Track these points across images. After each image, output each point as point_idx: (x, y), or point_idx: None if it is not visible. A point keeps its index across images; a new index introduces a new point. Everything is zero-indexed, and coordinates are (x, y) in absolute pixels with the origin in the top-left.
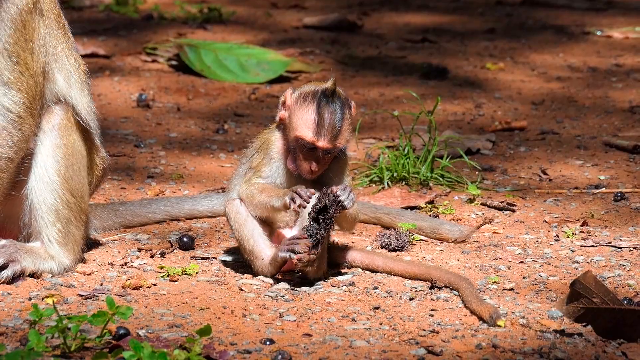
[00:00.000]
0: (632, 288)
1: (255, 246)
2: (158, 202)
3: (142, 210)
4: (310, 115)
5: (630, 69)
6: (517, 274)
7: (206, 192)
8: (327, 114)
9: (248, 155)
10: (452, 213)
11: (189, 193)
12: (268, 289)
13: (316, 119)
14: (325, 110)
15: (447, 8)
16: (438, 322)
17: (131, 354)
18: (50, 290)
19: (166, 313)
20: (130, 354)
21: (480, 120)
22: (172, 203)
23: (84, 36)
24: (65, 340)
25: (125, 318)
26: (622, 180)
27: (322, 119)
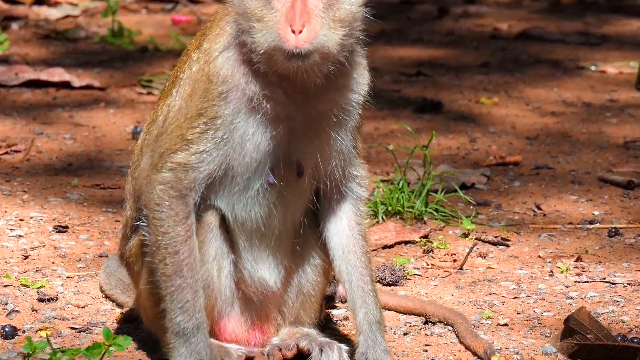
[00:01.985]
0: (626, 324)
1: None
2: None
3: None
4: None
5: (625, 104)
6: (511, 309)
7: None
8: None
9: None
10: (447, 248)
11: None
12: None
13: None
14: None
15: (442, 42)
16: (432, 357)
17: None
18: (44, 323)
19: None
20: None
21: (475, 154)
22: None
23: (79, 68)
24: None
25: (122, 350)
26: (616, 216)
27: None
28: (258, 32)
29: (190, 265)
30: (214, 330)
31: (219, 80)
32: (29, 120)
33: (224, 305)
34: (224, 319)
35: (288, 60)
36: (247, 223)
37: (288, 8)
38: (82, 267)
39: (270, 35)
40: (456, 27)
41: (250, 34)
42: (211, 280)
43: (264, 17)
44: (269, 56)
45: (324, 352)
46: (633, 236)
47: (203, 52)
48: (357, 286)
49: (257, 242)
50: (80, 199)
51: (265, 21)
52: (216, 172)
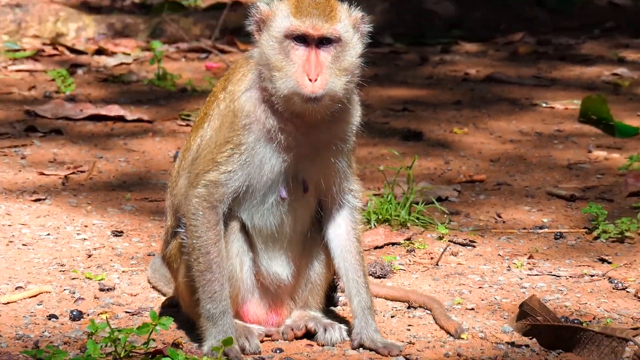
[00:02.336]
0: (568, 309)
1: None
2: None
3: None
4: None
5: (569, 133)
6: (477, 296)
7: None
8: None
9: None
10: (425, 248)
11: None
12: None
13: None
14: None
15: (423, 84)
16: (414, 335)
17: None
18: (104, 308)
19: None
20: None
21: (449, 174)
22: None
23: (131, 105)
24: (116, 349)
25: (166, 328)
26: (561, 223)
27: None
28: (279, 79)
29: (219, 263)
30: (239, 313)
31: (243, 114)
32: (92, 147)
33: (246, 293)
34: (247, 304)
35: (305, 102)
36: (263, 229)
37: (304, 61)
38: (134, 263)
39: (290, 82)
40: (434, 72)
41: (271, 81)
42: (235, 273)
43: (284, 67)
44: (288, 99)
45: (327, 331)
46: (574, 239)
47: (228, 93)
48: (352, 279)
49: (272, 245)
50: (133, 210)
51: (284, 71)
52: (240, 188)
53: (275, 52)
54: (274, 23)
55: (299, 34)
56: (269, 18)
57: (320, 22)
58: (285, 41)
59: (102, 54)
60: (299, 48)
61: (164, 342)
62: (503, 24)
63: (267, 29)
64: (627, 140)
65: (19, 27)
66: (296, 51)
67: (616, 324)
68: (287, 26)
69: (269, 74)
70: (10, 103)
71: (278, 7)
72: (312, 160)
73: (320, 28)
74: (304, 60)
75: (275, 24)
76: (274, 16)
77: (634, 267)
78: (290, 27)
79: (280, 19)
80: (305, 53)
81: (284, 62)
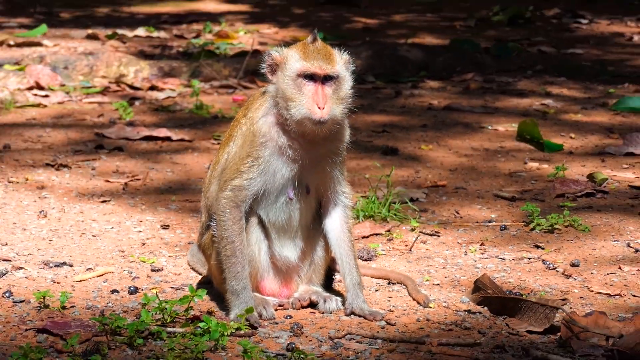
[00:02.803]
0: (511, 284)
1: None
2: None
3: None
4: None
5: (509, 149)
6: (441, 275)
7: None
8: (316, 44)
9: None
10: (401, 238)
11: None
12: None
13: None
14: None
15: (397, 111)
16: (393, 304)
17: (204, 324)
18: (155, 284)
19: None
20: (203, 324)
21: (418, 180)
22: None
23: (176, 128)
24: (163, 315)
25: (201, 298)
26: (505, 218)
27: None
28: (293, 108)
29: (241, 250)
30: (258, 288)
31: (260, 134)
32: (145, 161)
33: (263, 272)
34: (264, 281)
35: (315, 125)
36: (276, 223)
37: (313, 93)
38: (178, 250)
39: (303, 110)
40: (406, 102)
41: (287, 109)
42: (254, 256)
43: (297, 99)
44: (300, 122)
45: (327, 302)
46: (515, 230)
47: (248, 119)
48: (345, 262)
49: (283, 234)
50: (177, 209)
51: (298, 101)
52: (259, 191)
53: (290, 87)
54: (287, 65)
55: (309, 73)
56: (282, 62)
57: (324, 64)
58: (298, 79)
59: (154, 89)
60: (309, 84)
61: (200, 310)
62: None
63: (281, 70)
64: (554, 155)
65: (91, 70)
66: (306, 86)
67: (548, 296)
68: (298, 68)
69: (285, 104)
70: (84, 127)
71: (288, 53)
72: (313, 169)
73: (325, 69)
74: (313, 93)
75: (288, 66)
76: (287, 60)
77: (562, 251)
78: (302, 68)
79: (292, 62)
80: (314, 88)
81: (297, 95)
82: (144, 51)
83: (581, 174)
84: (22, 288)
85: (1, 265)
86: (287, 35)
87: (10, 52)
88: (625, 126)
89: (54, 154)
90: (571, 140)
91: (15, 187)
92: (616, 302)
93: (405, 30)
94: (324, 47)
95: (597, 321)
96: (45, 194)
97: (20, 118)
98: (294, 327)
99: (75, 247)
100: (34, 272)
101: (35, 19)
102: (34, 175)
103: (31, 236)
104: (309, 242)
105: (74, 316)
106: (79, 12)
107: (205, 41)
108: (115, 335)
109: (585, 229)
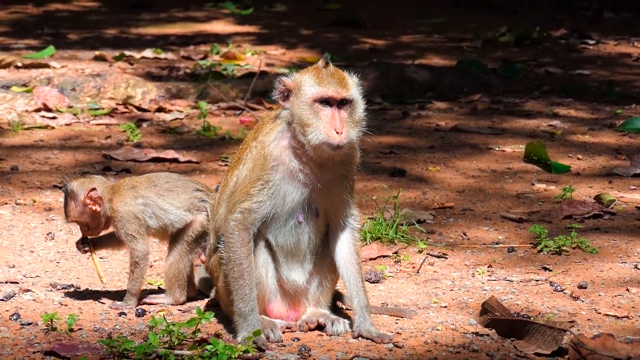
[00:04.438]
0: (519, 306)
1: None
2: None
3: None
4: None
5: (517, 171)
6: (449, 297)
7: None
8: (329, 69)
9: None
10: (409, 259)
11: None
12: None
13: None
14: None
15: (405, 132)
16: (400, 327)
17: (211, 347)
18: (162, 307)
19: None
20: (211, 346)
21: (425, 202)
22: None
23: (184, 150)
24: (171, 338)
25: (208, 321)
26: (512, 239)
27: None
28: (310, 133)
29: (249, 272)
30: (265, 311)
31: (271, 158)
32: None
33: (270, 295)
34: (271, 303)
35: (333, 150)
36: (284, 246)
37: (330, 118)
38: None
39: (321, 135)
40: (413, 124)
41: (304, 134)
42: (262, 279)
43: (314, 124)
44: (318, 147)
45: (334, 324)
46: (522, 252)
47: (259, 142)
48: (353, 284)
49: (290, 258)
50: None
51: (315, 126)
52: (268, 215)
53: (307, 112)
54: (302, 91)
55: (326, 98)
56: (295, 87)
57: (339, 88)
58: (314, 104)
59: (162, 111)
60: (325, 109)
61: (208, 332)
62: (466, 87)
63: (295, 96)
64: (561, 176)
65: (98, 92)
66: (323, 111)
67: (556, 318)
68: (314, 93)
69: (301, 130)
70: (92, 149)
71: (302, 79)
72: (323, 193)
73: (341, 93)
74: (330, 118)
75: (303, 92)
76: (301, 86)
77: (569, 273)
78: (318, 93)
79: (307, 87)
80: (330, 112)
81: (314, 120)
82: (151, 72)
83: (588, 195)
84: (29, 310)
85: (9, 287)
86: (294, 57)
87: (17, 73)
88: (633, 147)
89: (62, 175)
90: (578, 161)
91: (22, 209)
92: (624, 324)
93: (412, 51)
94: (337, 71)
95: (605, 343)
96: (53, 216)
97: (28, 140)
98: (302, 349)
99: (82, 269)
100: (41, 295)
101: (43, 41)
102: (42, 197)
103: (39, 258)
104: (316, 265)
105: (81, 339)
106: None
107: (213, 62)
108: (123, 358)
109: (593, 250)
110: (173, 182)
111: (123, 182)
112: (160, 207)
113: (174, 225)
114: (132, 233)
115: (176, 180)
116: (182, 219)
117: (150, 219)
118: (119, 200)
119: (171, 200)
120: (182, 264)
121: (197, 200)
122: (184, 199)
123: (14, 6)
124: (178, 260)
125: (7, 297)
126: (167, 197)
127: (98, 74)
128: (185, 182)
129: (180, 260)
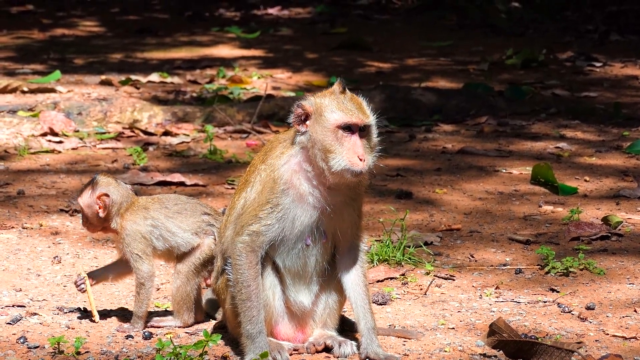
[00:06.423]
0: (527, 327)
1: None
2: None
3: None
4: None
5: (524, 192)
6: (457, 319)
7: None
8: (347, 94)
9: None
10: (416, 281)
11: None
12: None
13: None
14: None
15: (412, 155)
16: (408, 349)
17: None
18: (169, 329)
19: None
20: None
21: (433, 224)
22: None
23: (190, 173)
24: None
25: (215, 343)
26: (519, 261)
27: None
28: (332, 160)
29: (256, 294)
30: (272, 333)
31: (282, 181)
32: None
33: (277, 317)
34: (278, 325)
35: (356, 177)
36: (291, 269)
37: (352, 145)
38: None
39: (344, 162)
40: (420, 146)
41: (325, 161)
42: (269, 301)
43: (336, 150)
44: (340, 174)
45: (341, 346)
46: (530, 273)
47: (269, 165)
48: (360, 306)
49: (297, 280)
50: None
51: (337, 153)
52: (276, 238)
53: (329, 139)
54: (324, 117)
55: (349, 124)
56: (315, 113)
57: (361, 115)
58: (337, 131)
59: (168, 135)
60: (347, 135)
61: (215, 355)
62: (472, 110)
63: (316, 121)
64: (568, 198)
65: (105, 116)
66: (345, 138)
67: (564, 339)
68: (337, 119)
69: (323, 156)
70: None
71: (322, 104)
72: (332, 216)
73: (363, 119)
74: (353, 145)
75: (325, 118)
76: (322, 111)
77: (577, 295)
78: (342, 120)
79: (328, 113)
80: (352, 139)
81: (337, 147)
82: (157, 96)
83: (596, 217)
84: (36, 334)
85: (16, 311)
86: (300, 80)
87: (24, 98)
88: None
89: (68, 199)
90: (585, 183)
91: (29, 233)
92: (632, 345)
93: (418, 74)
94: (354, 97)
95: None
96: (60, 239)
97: (35, 164)
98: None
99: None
100: (48, 318)
101: (49, 65)
102: (48, 220)
103: (45, 282)
104: (323, 287)
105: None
106: (92, 58)
107: (219, 86)
108: None
109: (600, 272)
110: (182, 204)
111: (137, 201)
112: (168, 230)
113: (180, 249)
114: (138, 252)
115: (185, 202)
116: (189, 242)
117: (157, 240)
118: (129, 218)
119: (179, 222)
120: (190, 286)
121: (204, 224)
122: (191, 222)
123: (19, 31)
124: (185, 283)
125: (14, 321)
126: (175, 220)
127: (104, 98)
128: (194, 204)
129: (187, 283)
